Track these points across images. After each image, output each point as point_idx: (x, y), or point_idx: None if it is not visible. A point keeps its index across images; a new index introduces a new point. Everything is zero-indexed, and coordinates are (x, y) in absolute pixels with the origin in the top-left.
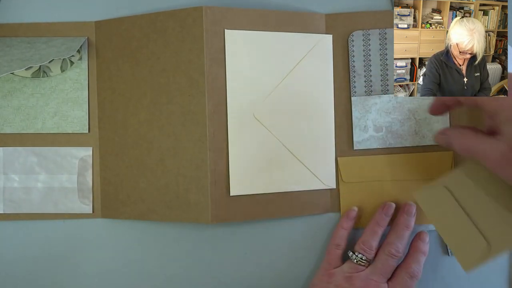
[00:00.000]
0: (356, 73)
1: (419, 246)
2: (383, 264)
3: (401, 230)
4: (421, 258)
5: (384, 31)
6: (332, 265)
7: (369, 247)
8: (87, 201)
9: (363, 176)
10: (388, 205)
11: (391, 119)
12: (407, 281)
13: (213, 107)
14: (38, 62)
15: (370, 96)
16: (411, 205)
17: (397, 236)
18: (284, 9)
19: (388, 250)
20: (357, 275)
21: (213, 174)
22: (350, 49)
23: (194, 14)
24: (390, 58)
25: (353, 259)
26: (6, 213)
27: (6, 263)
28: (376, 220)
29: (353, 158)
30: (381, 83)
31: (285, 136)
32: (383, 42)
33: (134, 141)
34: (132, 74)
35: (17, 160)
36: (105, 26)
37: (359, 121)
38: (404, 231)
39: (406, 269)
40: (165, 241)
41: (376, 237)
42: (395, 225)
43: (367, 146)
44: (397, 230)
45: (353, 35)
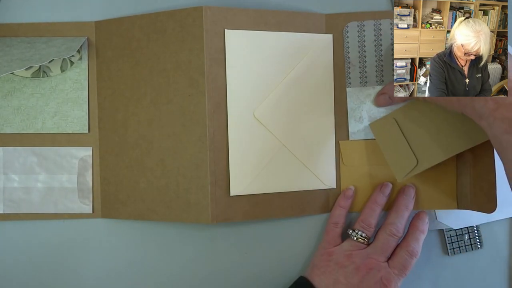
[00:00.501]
0: (351, 64)
1: (418, 225)
2: (384, 243)
3: (401, 210)
4: (420, 237)
5: (379, 22)
6: (331, 244)
7: (369, 224)
8: (87, 201)
9: (363, 160)
10: (385, 184)
11: (385, 109)
12: (407, 259)
13: (213, 107)
14: (38, 62)
15: (365, 87)
16: (410, 187)
17: (397, 216)
18: (284, 9)
19: (389, 230)
20: (357, 253)
21: (213, 174)
22: (345, 40)
23: (194, 14)
24: (386, 49)
25: (353, 237)
26: (6, 213)
27: (6, 263)
28: (374, 198)
29: (354, 142)
30: (376, 74)
31: (285, 136)
32: (378, 33)
33: (134, 141)
34: (132, 74)
35: (17, 160)
36: (105, 26)
37: (354, 112)
38: (404, 212)
39: (406, 247)
40: (165, 241)
41: (375, 215)
42: (395, 206)
43: (362, 137)
44: (398, 211)
45: (348, 26)
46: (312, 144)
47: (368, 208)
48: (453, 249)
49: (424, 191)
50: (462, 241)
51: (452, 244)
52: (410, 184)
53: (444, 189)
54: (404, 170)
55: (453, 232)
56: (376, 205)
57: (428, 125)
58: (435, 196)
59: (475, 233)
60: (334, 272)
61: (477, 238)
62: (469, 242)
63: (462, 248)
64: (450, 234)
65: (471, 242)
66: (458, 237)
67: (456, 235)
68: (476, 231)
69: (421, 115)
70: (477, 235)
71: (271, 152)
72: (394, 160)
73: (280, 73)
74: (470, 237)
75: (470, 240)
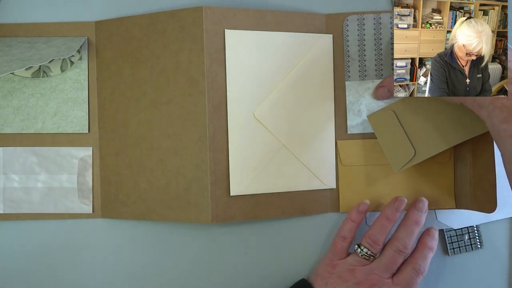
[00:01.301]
0: (350, 57)
1: (427, 242)
2: (389, 259)
3: (411, 225)
4: (429, 255)
5: (379, 16)
6: (337, 257)
7: (376, 241)
8: (87, 201)
9: (361, 159)
10: (400, 200)
11: (384, 103)
12: (413, 277)
13: (213, 107)
14: (38, 62)
15: (364, 81)
16: (422, 201)
17: (406, 232)
18: (284, 9)
19: (396, 246)
20: (360, 268)
21: (213, 174)
22: (345, 34)
23: (194, 14)
24: (385, 43)
25: (358, 253)
26: (6, 213)
27: (6, 263)
28: (386, 214)
29: (352, 141)
30: (375, 68)
31: (285, 136)
32: (378, 27)
33: (134, 141)
34: (132, 74)
35: (17, 160)
36: (105, 26)
37: (352, 106)
38: (414, 227)
39: (413, 264)
40: (165, 241)
41: (385, 232)
42: (404, 220)
43: (361, 131)
44: (406, 226)
45: (348, 20)
46: (312, 144)
47: (378, 223)
48: (453, 249)
49: (423, 190)
50: (462, 241)
51: (452, 244)
52: (422, 198)
53: (442, 188)
54: (401, 161)
55: (453, 232)
56: (387, 221)
57: (426, 117)
58: (433, 196)
59: (475, 233)
60: (335, 285)
61: (477, 238)
62: (469, 242)
63: (462, 248)
64: (450, 234)
65: (471, 242)
66: (458, 237)
67: (456, 235)
68: (476, 231)
69: (420, 106)
70: (477, 235)
71: (271, 152)
72: (392, 152)
73: (280, 73)
74: (470, 237)
75: (470, 240)
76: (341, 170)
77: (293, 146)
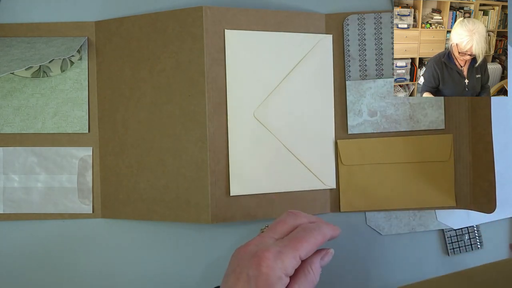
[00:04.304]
0: (351, 57)
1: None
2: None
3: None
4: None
5: (379, 15)
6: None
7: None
8: (87, 201)
9: (362, 159)
10: (328, 254)
11: (385, 103)
12: (299, 232)
13: (213, 107)
14: (38, 62)
15: (365, 80)
16: (328, 255)
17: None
18: (284, 9)
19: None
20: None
21: (213, 174)
22: (345, 33)
23: (194, 14)
24: (386, 42)
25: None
26: (6, 213)
27: (6, 263)
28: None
29: (352, 140)
30: (376, 67)
31: (285, 136)
32: (379, 26)
33: (134, 141)
34: (132, 74)
35: (17, 160)
36: (105, 26)
37: (353, 106)
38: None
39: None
40: (165, 241)
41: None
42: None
43: (362, 131)
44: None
45: (348, 19)
46: (312, 144)
47: (304, 231)
48: (453, 249)
49: (423, 190)
50: (462, 241)
51: (452, 244)
52: (331, 251)
53: (442, 188)
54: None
55: (453, 232)
56: (312, 238)
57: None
58: (433, 196)
59: (475, 233)
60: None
61: (477, 238)
62: (469, 242)
63: (462, 248)
64: (450, 234)
65: (471, 242)
66: (458, 237)
67: (456, 235)
68: (476, 231)
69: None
70: (477, 235)
71: (271, 152)
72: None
73: (280, 73)
74: (470, 237)
75: (470, 240)
76: (341, 170)
77: (293, 146)
